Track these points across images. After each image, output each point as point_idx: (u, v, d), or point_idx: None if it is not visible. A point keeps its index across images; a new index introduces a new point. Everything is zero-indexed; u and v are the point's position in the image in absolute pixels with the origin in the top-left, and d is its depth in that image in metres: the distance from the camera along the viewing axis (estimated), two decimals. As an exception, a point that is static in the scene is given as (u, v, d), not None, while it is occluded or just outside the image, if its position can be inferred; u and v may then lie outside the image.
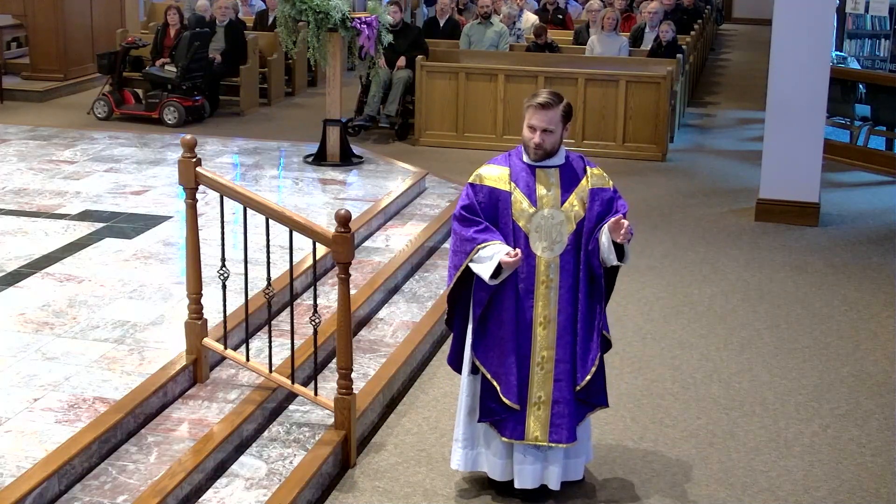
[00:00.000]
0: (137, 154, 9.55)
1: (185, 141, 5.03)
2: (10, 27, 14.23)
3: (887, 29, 13.04)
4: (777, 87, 8.88)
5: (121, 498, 4.25)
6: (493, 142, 11.35)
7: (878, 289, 7.57)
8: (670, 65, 11.64)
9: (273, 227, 4.97)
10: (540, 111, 4.49)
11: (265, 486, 4.56)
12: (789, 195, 8.97)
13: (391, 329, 6.30)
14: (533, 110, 4.51)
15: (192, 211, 5.07)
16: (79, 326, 5.59)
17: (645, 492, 4.83)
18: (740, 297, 7.36)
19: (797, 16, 8.70)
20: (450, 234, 8.19)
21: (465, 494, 4.80)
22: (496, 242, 4.44)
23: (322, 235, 4.82)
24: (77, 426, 4.55)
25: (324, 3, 9.21)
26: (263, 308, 5.48)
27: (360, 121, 11.72)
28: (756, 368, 6.21)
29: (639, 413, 5.58)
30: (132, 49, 12.44)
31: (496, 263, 4.39)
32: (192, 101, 11.92)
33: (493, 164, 4.63)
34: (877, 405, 5.78)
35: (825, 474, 5.05)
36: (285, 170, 9.27)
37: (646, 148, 11.18)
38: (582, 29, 13.62)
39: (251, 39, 13.14)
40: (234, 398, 5.09)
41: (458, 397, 4.79)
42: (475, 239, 4.46)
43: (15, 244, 6.88)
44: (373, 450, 5.16)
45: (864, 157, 11.15)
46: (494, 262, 4.40)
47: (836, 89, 10.96)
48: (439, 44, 12.66)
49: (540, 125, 4.48)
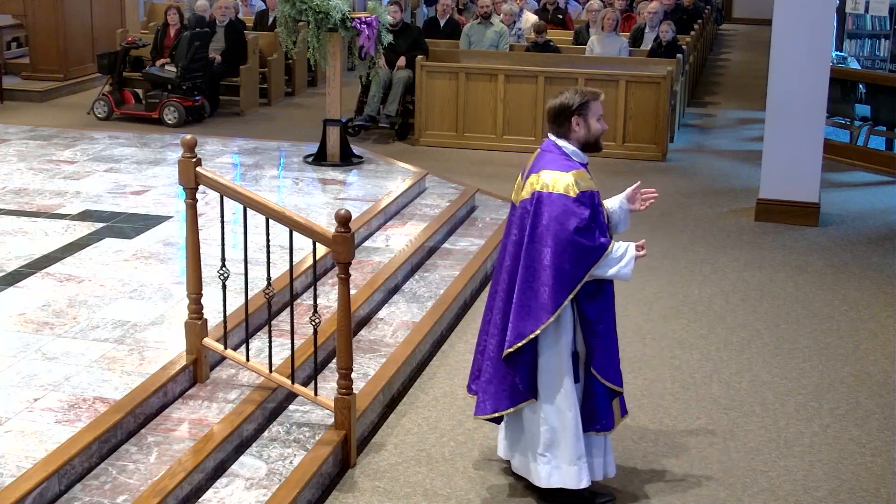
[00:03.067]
0: (137, 154, 9.55)
1: (185, 141, 5.02)
2: (10, 27, 14.24)
3: (887, 29, 13.03)
4: (777, 87, 8.88)
5: (121, 498, 4.25)
6: (493, 142, 11.36)
7: (878, 289, 7.57)
8: (670, 65, 11.64)
9: (273, 227, 4.97)
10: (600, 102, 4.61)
11: (265, 486, 4.56)
12: (789, 195, 8.97)
13: (391, 329, 6.30)
14: (598, 103, 4.59)
15: (192, 211, 5.07)
16: (79, 326, 5.59)
17: (645, 492, 4.84)
18: (740, 297, 7.36)
19: (797, 16, 8.70)
20: (450, 234, 8.23)
21: (465, 494, 4.80)
22: (618, 241, 4.52)
23: (322, 235, 4.82)
24: (77, 426, 4.55)
25: (324, 3, 9.20)
26: (263, 308, 5.48)
27: (360, 121, 11.72)
28: (756, 368, 6.21)
29: (639, 413, 5.58)
30: (132, 49, 12.45)
31: (632, 256, 4.46)
32: (192, 101, 11.92)
33: (566, 169, 4.46)
34: (877, 405, 5.78)
35: (825, 474, 5.05)
36: (285, 170, 9.27)
37: (646, 148, 11.18)
38: (582, 29, 13.62)
39: (251, 39, 13.14)
40: (234, 398, 5.09)
41: (547, 420, 4.53)
42: (603, 245, 4.42)
43: (15, 244, 6.87)
44: (373, 450, 5.16)
45: (864, 157, 11.15)
46: (629, 256, 4.45)
47: (836, 89, 10.96)
48: (439, 44, 12.66)
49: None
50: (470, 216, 8.65)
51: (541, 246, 4.40)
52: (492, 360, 4.64)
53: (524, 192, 4.55)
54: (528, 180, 4.54)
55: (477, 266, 7.38)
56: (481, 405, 4.70)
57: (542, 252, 4.40)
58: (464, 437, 5.29)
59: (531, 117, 11.32)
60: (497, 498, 4.77)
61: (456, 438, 5.28)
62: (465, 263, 7.42)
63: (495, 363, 4.61)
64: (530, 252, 4.43)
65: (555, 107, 4.58)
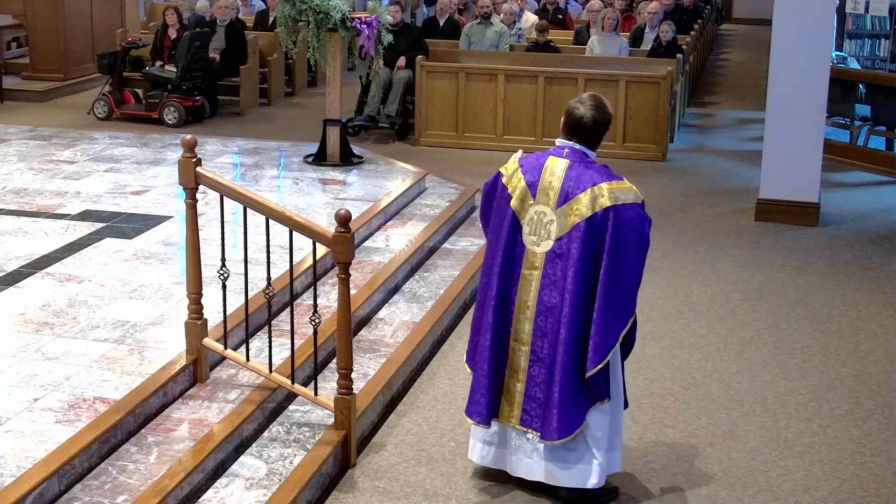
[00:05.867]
0: (137, 154, 9.55)
1: (185, 141, 5.02)
2: (10, 27, 14.24)
3: (887, 29, 13.03)
4: (777, 87, 8.88)
5: (121, 498, 4.25)
6: (493, 142, 11.35)
7: (878, 289, 7.57)
8: (670, 65, 11.64)
9: (273, 227, 4.97)
10: None
11: (265, 486, 4.56)
12: (789, 195, 8.97)
13: (391, 329, 6.30)
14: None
15: (192, 211, 5.07)
16: (79, 326, 5.59)
17: (645, 492, 4.83)
18: (740, 297, 7.36)
19: (797, 16, 8.70)
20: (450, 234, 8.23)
21: (465, 494, 4.80)
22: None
23: (322, 235, 4.82)
24: (77, 426, 4.55)
25: (324, 3, 9.20)
26: (263, 308, 5.48)
27: (360, 121, 11.72)
28: (756, 368, 6.21)
29: (639, 413, 5.58)
30: (132, 49, 12.45)
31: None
32: (192, 101, 11.92)
33: (619, 177, 4.52)
34: (877, 405, 5.78)
35: (825, 474, 5.05)
36: (285, 170, 9.27)
37: (646, 148, 11.18)
38: (582, 29, 13.62)
39: (251, 39, 13.14)
40: (234, 398, 5.09)
41: (613, 414, 4.65)
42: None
43: (15, 244, 6.87)
44: (373, 450, 5.16)
45: (864, 157, 11.15)
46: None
47: (836, 89, 10.95)
48: (439, 44, 12.66)
49: None
50: (470, 216, 8.65)
51: (623, 260, 4.44)
52: (560, 384, 4.49)
53: (581, 209, 4.44)
54: (578, 197, 4.44)
55: (477, 266, 7.38)
56: (564, 427, 4.51)
57: (625, 265, 4.45)
58: (464, 437, 5.29)
59: (531, 117, 11.32)
60: (497, 498, 4.77)
61: (456, 438, 5.28)
62: (465, 263, 7.42)
63: (566, 387, 4.49)
64: (613, 268, 4.42)
65: (598, 120, 4.52)
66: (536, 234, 4.56)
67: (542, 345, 4.56)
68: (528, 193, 4.57)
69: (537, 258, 4.55)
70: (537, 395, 4.59)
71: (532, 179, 4.57)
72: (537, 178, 4.56)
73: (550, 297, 4.52)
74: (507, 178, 4.67)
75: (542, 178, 4.55)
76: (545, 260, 4.53)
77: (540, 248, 4.55)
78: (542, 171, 4.56)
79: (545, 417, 4.55)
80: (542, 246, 4.55)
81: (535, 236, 4.56)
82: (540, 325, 4.56)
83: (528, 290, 4.57)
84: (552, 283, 4.52)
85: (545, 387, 4.56)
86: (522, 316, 4.60)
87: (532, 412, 4.61)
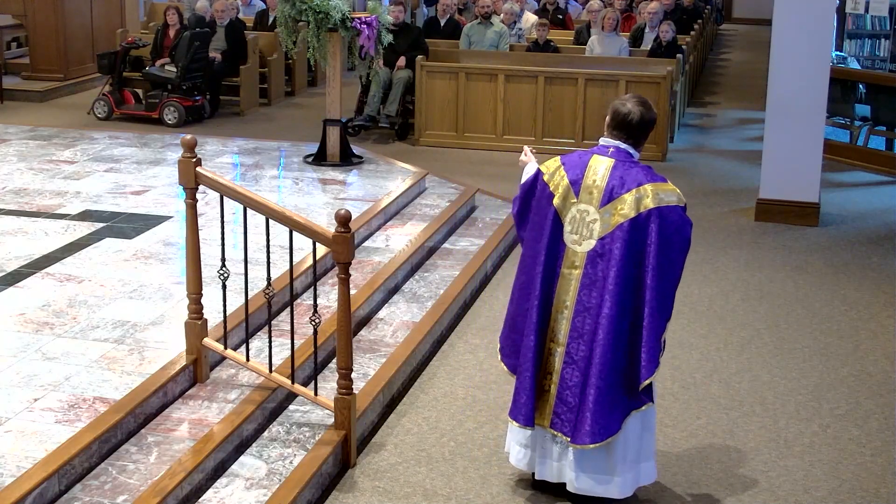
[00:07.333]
0: (137, 154, 9.55)
1: (185, 141, 5.03)
2: (10, 27, 14.23)
3: (887, 29, 13.03)
4: (777, 87, 8.88)
5: (121, 498, 4.25)
6: (493, 142, 11.36)
7: (878, 289, 7.57)
8: (670, 65, 11.64)
9: (273, 227, 4.97)
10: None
11: (265, 486, 4.56)
12: (789, 195, 8.97)
13: (391, 329, 6.30)
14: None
15: (192, 211, 5.07)
16: (79, 326, 5.59)
17: (645, 492, 4.83)
18: (740, 297, 7.36)
19: (797, 16, 8.70)
20: (450, 234, 8.23)
21: (465, 494, 4.80)
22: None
23: (322, 235, 4.82)
24: (77, 426, 4.55)
25: (324, 3, 9.20)
26: (263, 308, 5.48)
27: (360, 121, 11.71)
28: (756, 368, 6.21)
29: (639, 413, 5.57)
30: (132, 49, 12.45)
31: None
32: (192, 101, 11.92)
33: (663, 179, 4.51)
34: (877, 405, 5.78)
35: (825, 474, 5.05)
36: (285, 170, 9.27)
37: (646, 148, 10.99)
38: (582, 29, 13.61)
39: (251, 39, 13.13)
40: (234, 398, 5.09)
41: (650, 421, 4.62)
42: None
43: (15, 244, 6.88)
44: (373, 450, 5.16)
45: (864, 157, 11.15)
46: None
47: (836, 89, 10.96)
48: (439, 44, 12.66)
49: None
50: (470, 216, 8.65)
51: (671, 263, 4.43)
52: (596, 387, 4.41)
53: (625, 210, 4.40)
54: (622, 197, 4.41)
55: (477, 266, 7.38)
56: (597, 432, 4.43)
57: (671, 268, 4.44)
58: (464, 437, 5.30)
59: (531, 117, 11.32)
60: (497, 498, 4.77)
61: (456, 438, 5.28)
62: (465, 263, 7.42)
63: (602, 390, 4.41)
64: (661, 271, 4.40)
65: (645, 117, 4.49)
66: (578, 232, 4.50)
67: (577, 346, 4.48)
68: (571, 191, 4.50)
69: (578, 257, 4.49)
70: (568, 398, 4.50)
71: (575, 177, 4.51)
72: (580, 176, 4.50)
73: (590, 298, 4.45)
74: (548, 176, 4.58)
75: (585, 177, 4.50)
76: (586, 259, 4.46)
77: (581, 247, 4.48)
78: (586, 169, 4.51)
79: (578, 421, 4.46)
80: (583, 245, 4.48)
81: (576, 235, 4.50)
82: (577, 326, 4.48)
83: (568, 290, 4.51)
84: (592, 282, 4.45)
85: (578, 390, 4.47)
86: (560, 315, 4.53)
87: (563, 416, 4.51)
